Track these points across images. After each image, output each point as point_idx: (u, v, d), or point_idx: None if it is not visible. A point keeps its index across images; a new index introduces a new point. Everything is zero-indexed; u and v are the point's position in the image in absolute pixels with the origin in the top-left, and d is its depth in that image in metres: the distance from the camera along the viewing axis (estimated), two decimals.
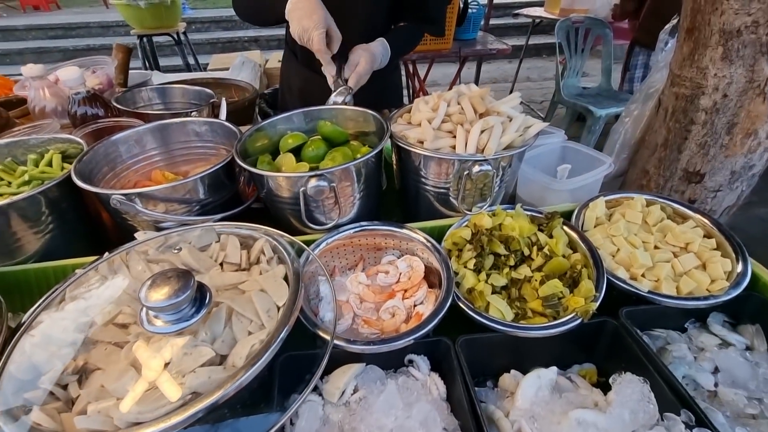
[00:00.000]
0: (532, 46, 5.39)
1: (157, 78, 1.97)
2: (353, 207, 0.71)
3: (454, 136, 0.69)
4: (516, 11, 4.43)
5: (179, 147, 0.87)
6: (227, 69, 3.02)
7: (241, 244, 0.65)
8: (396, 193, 0.89)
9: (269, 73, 4.85)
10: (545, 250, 0.64)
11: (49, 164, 0.79)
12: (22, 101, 1.20)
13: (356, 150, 0.80)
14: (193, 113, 0.99)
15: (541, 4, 4.35)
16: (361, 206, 0.72)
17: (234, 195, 0.75)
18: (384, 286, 0.67)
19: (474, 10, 2.55)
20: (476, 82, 3.30)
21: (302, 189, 0.62)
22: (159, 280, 0.45)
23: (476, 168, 0.65)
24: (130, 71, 1.56)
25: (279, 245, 0.60)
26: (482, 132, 0.66)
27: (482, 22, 2.74)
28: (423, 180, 0.73)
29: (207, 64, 4.72)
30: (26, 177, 0.72)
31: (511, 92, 3.33)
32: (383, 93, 1.60)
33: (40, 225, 0.67)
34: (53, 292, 0.54)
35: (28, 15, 7.06)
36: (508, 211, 0.70)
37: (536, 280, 0.61)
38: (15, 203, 0.62)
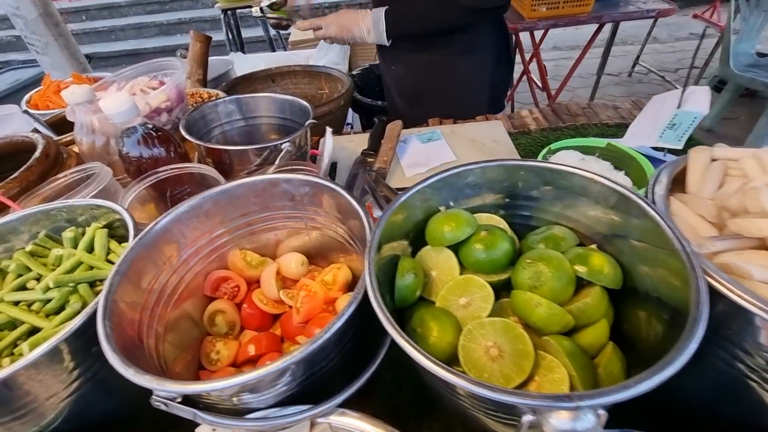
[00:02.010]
0: None
1: (240, 63, 1.72)
2: None
3: None
4: None
5: (264, 214, 0.57)
6: (310, 42, 2.74)
7: None
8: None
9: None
10: None
11: (91, 247, 0.54)
12: None
13: (578, 254, 0.42)
14: (285, 146, 0.68)
15: None
16: None
17: (358, 347, 0.43)
18: None
19: None
20: (608, 49, 2.61)
21: (526, 421, 0.28)
22: None
23: None
24: (210, 56, 1.33)
25: None
26: None
27: None
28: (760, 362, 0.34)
29: (289, 35, 4.55)
30: (50, 282, 0.47)
31: (637, 59, 2.69)
32: (442, 89, 1.21)
33: (62, 383, 0.41)
34: None
35: None
36: None
37: None
38: (19, 371, 0.36)
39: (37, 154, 0.67)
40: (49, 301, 0.49)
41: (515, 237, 0.48)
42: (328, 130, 0.63)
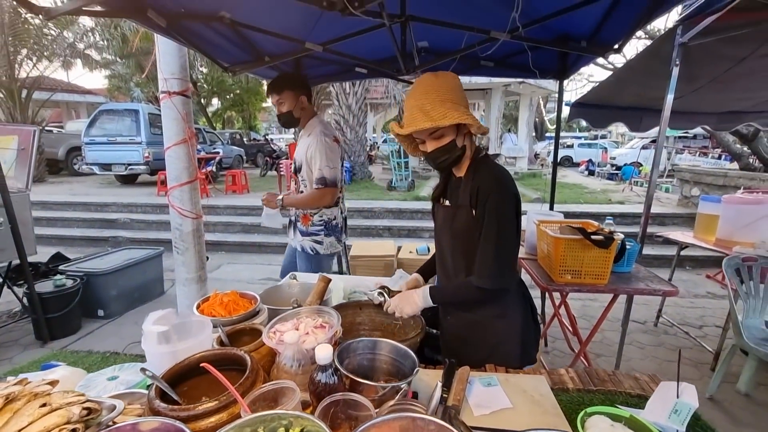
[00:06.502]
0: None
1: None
2: None
3: None
4: (659, 234, 4.35)
5: None
6: (368, 258, 3.36)
7: None
8: None
9: (402, 263, 5.20)
10: None
11: None
12: (256, 332, 1.44)
13: None
14: (403, 386, 1.05)
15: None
16: None
17: None
18: None
19: (630, 246, 2.55)
20: (626, 320, 2.99)
21: None
22: None
23: None
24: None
25: None
26: None
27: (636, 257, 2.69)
28: None
29: (351, 247, 5.36)
30: None
31: (660, 311, 2.99)
32: (484, 342, 1.63)
33: None
34: None
35: (228, 197, 9.46)
36: None
37: None
38: None
39: (249, 367, 1.07)
40: None
41: None
42: (439, 384, 1.00)
